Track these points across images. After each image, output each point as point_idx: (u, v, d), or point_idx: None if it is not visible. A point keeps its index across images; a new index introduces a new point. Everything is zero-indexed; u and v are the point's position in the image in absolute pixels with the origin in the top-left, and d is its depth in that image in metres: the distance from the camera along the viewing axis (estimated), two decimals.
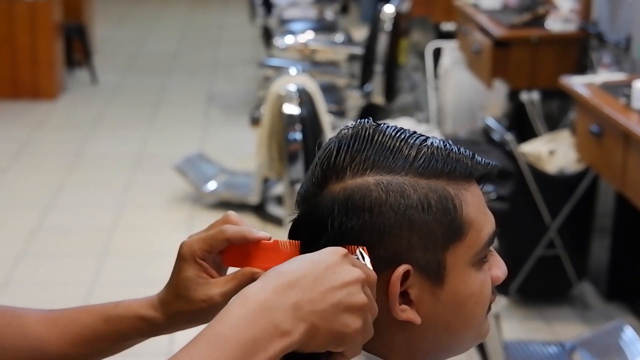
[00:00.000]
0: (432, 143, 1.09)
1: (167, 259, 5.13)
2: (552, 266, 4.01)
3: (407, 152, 1.08)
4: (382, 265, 1.05)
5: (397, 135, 1.10)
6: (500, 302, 3.10)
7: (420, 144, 1.09)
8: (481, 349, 3.22)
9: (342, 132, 1.12)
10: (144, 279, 4.20)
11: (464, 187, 1.09)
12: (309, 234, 1.09)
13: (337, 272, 0.97)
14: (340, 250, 1.00)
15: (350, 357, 1.01)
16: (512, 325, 3.83)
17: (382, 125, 1.11)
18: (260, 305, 0.94)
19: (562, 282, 4.06)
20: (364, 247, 1.04)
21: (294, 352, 0.96)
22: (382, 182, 1.06)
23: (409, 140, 1.09)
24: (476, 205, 1.09)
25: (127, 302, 1.18)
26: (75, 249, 4.70)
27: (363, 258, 1.03)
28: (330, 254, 0.99)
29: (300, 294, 0.95)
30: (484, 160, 1.12)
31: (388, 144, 1.09)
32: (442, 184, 1.07)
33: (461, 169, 1.09)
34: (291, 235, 1.13)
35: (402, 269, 1.04)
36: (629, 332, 3.31)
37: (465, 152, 1.11)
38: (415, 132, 1.12)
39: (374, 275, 1.01)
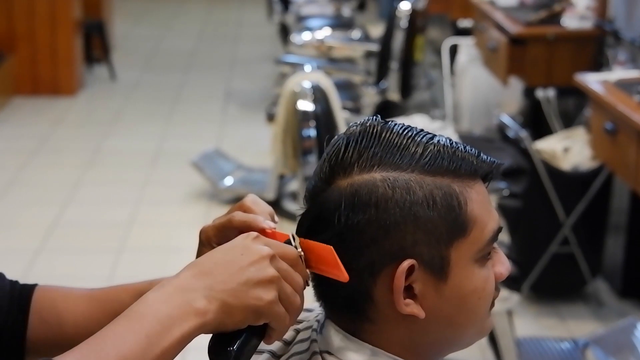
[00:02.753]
0: (438, 141, 1.12)
1: (183, 255, 5.18)
2: (566, 263, 4.02)
3: (413, 149, 1.10)
4: (387, 259, 1.08)
5: (404, 132, 1.12)
6: (514, 299, 3.11)
7: (427, 142, 1.11)
8: (494, 345, 3.24)
9: (351, 128, 1.14)
10: (161, 275, 4.22)
11: (468, 184, 1.11)
12: (316, 228, 1.11)
13: (244, 254, 1.04)
14: (250, 234, 1.07)
15: (280, 329, 1.06)
16: (525, 322, 3.84)
17: (389, 123, 1.14)
18: (175, 288, 1.01)
19: (576, 279, 4.06)
20: (294, 234, 1.11)
21: (223, 333, 1.03)
22: (389, 179, 1.08)
23: (415, 138, 1.11)
24: (480, 203, 1.12)
25: (159, 279, 1.23)
26: (93, 245, 4.74)
27: (293, 241, 1.10)
28: (242, 239, 1.06)
29: (212, 277, 1.02)
30: (489, 158, 1.14)
31: (395, 141, 1.11)
32: (447, 182, 1.09)
33: (466, 167, 1.11)
34: (299, 229, 1.16)
35: (406, 263, 1.07)
36: None
37: (471, 150, 1.13)
38: (422, 130, 1.14)
39: (289, 250, 1.07)
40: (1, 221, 5.02)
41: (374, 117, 1.15)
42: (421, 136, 1.12)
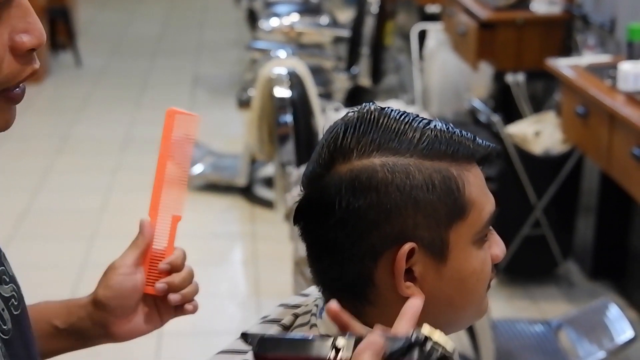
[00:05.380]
0: (435, 126, 1.13)
1: None
2: (538, 245, 4.06)
3: (411, 134, 1.12)
4: (388, 243, 1.09)
5: (402, 118, 1.13)
6: None
7: (424, 127, 1.13)
8: (469, 327, 3.27)
9: (348, 115, 1.15)
10: None
11: (466, 168, 1.13)
12: (316, 214, 1.13)
13: None
14: None
15: None
16: (498, 304, 3.88)
17: (386, 109, 1.15)
18: None
19: (547, 261, 4.11)
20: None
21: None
22: (388, 163, 1.09)
23: (413, 123, 1.13)
24: (478, 186, 1.13)
25: (72, 300, 1.32)
26: (64, 232, 4.72)
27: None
28: None
29: None
30: (484, 142, 1.16)
31: (393, 127, 1.12)
32: (445, 165, 1.11)
33: (463, 151, 1.13)
34: (297, 215, 1.17)
35: (407, 246, 1.08)
36: (614, 310, 3.36)
37: (467, 134, 1.15)
38: (418, 116, 1.16)
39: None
40: None
41: (371, 103, 1.17)
42: (418, 121, 1.13)
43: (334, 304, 1.02)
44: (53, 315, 1.29)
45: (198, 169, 5.21)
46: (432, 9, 5.96)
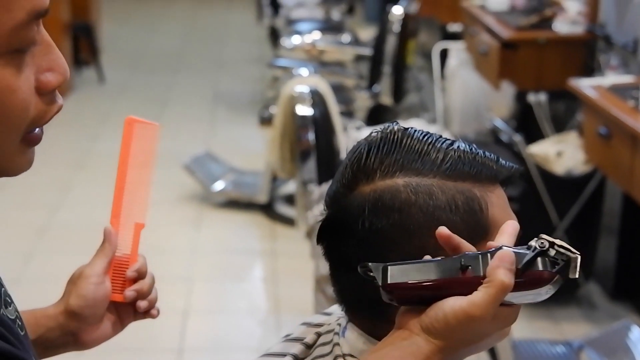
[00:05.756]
0: (458, 147, 1.13)
1: (175, 257, 5.23)
2: None
3: (434, 155, 1.12)
4: None
5: (425, 139, 1.13)
6: None
7: (447, 148, 1.13)
8: (490, 347, 3.26)
9: (372, 135, 1.16)
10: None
11: (489, 189, 1.13)
12: (339, 234, 1.13)
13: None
14: None
15: None
16: (519, 325, 3.83)
17: (409, 129, 1.15)
18: None
19: (569, 282, 4.05)
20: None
21: None
22: (411, 184, 1.09)
23: (436, 144, 1.13)
24: (501, 207, 1.13)
25: (38, 310, 1.33)
26: (85, 246, 4.69)
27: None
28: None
29: None
30: (507, 163, 1.16)
31: (416, 147, 1.12)
32: (468, 186, 1.11)
33: (487, 172, 1.13)
34: (320, 235, 1.17)
35: None
36: (636, 332, 3.35)
37: (490, 155, 1.15)
38: (441, 136, 1.16)
39: None
40: None
41: (394, 123, 1.17)
42: (441, 142, 1.14)
43: (443, 229, 1.03)
44: None
45: (219, 185, 5.22)
46: (454, 28, 5.97)
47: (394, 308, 1.10)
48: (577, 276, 1.03)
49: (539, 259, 1.02)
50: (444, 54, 5.85)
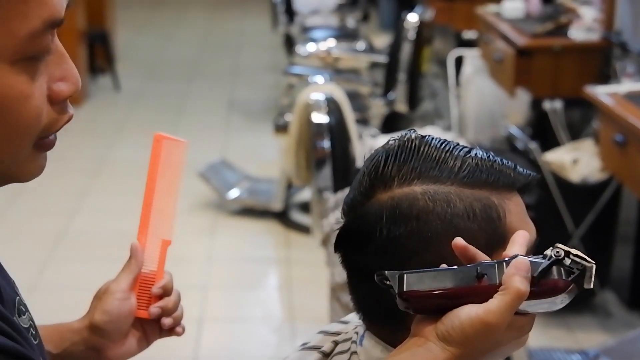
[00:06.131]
0: (476, 154, 1.13)
1: (190, 264, 5.22)
2: None
3: (452, 163, 1.12)
4: None
5: (442, 146, 1.13)
6: None
7: (465, 155, 1.13)
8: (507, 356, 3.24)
9: (389, 143, 1.16)
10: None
11: (506, 196, 1.12)
12: (356, 242, 1.13)
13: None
14: None
15: None
16: (534, 333, 3.81)
17: (427, 137, 1.15)
18: None
19: (584, 291, 4.04)
20: None
21: None
22: (429, 192, 1.09)
23: (453, 152, 1.13)
24: (518, 214, 1.13)
25: (65, 324, 1.35)
26: (100, 254, 4.75)
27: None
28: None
29: None
30: (525, 171, 1.16)
31: (434, 155, 1.12)
32: (486, 194, 1.11)
33: (504, 180, 1.12)
34: (337, 244, 1.17)
35: None
36: None
37: (508, 163, 1.15)
38: (458, 144, 1.16)
39: None
40: (9, 230, 5.03)
41: (411, 130, 1.17)
42: (459, 150, 1.14)
43: (459, 240, 1.03)
44: (47, 340, 1.28)
45: (234, 193, 5.23)
46: (469, 35, 5.97)
47: (412, 316, 1.10)
48: (592, 286, 1.03)
49: (554, 267, 1.03)
50: (459, 62, 5.84)
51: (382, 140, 1.19)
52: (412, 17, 5.25)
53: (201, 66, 8.86)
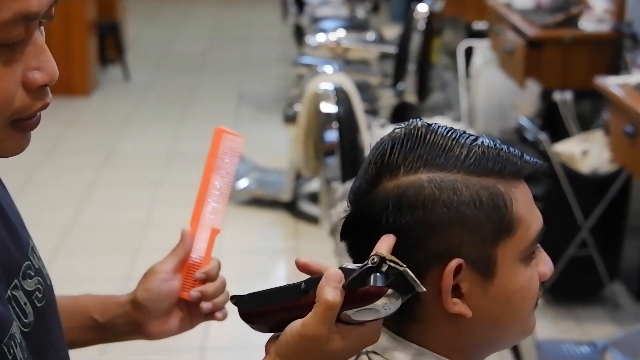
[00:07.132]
0: (482, 142, 1.12)
1: None
2: (584, 266, 4.02)
3: (458, 151, 1.11)
4: (434, 259, 1.08)
5: (448, 134, 1.13)
6: None
7: (471, 143, 1.12)
8: (514, 347, 3.24)
9: (395, 131, 1.15)
10: None
11: (513, 184, 1.12)
12: (363, 230, 1.12)
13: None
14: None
15: None
16: (543, 325, 3.84)
17: (433, 125, 1.14)
18: None
19: (593, 282, 4.06)
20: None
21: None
22: (435, 180, 1.09)
23: (460, 140, 1.12)
24: (525, 203, 1.12)
25: (117, 296, 1.43)
26: (108, 246, 4.76)
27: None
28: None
29: None
30: (532, 159, 1.15)
31: (440, 143, 1.12)
32: (492, 182, 1.10)
33: (511, 168, 1.12)
34: (344, 232, 1.16)
35: (454, 262, 1.07)
36: None
37: (515, 151, 1.14)
38: (465, 132, 1.15)
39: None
40: None
41: (418, 119, 1.16)
42: (465, 138, 1.13)
43: (299, 259, 1.12)
44: (93, 309, 1.39)
45: (243, 183, 5.22)
46: (479, 26, 5.94)
47: (421, 306, 1.10)
48: (423, 289, 1.04)
49: (372, 275, 1.02)
50: (468, 52, 5.82)
51: (391, 130, 1.18)
52: (422, 8, 5.23)
53: (211, 57, 8.86)
